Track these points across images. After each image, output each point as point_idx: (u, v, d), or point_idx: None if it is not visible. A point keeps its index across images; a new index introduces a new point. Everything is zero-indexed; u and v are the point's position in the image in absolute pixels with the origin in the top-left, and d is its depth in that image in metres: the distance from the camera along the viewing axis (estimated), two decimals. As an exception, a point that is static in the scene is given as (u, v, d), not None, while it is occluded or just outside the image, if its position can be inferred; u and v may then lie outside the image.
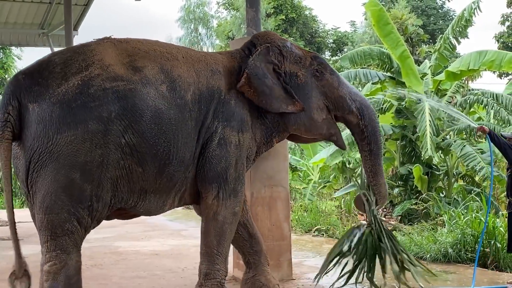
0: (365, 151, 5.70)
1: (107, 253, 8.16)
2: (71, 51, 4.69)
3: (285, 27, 30.34)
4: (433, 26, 30.86)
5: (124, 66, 4.64)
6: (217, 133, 5.06)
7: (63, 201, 4.30)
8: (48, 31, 14.37)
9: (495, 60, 9.99)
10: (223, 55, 5.56)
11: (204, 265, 5.19)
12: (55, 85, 4.36)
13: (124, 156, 4.48)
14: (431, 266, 7.20)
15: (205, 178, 5.05)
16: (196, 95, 4.97)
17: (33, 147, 4.28)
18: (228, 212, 5.13)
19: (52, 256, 4.38)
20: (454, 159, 10.94)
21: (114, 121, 4.41)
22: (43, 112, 4.28)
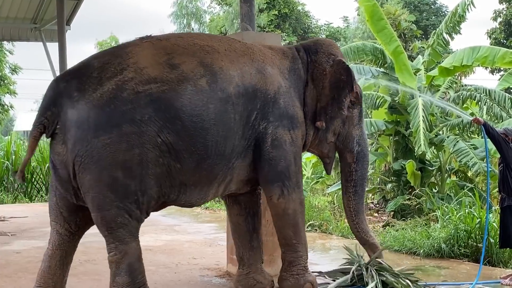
0: (350, 192, 5.98)
1: (100, 249, 8.07)
2: (110, 54, 4.82)
3: (277, 22, 30.32)
4: (425, 22, 30.91)
5: (160, 66, 4.72)
6: (268, 134, 5.23)
7: (110, 198, 4.52)
8: (41, 25, 14.30)
9: (488, 56, 10.00)
10: (273, 51, 5.66)
11: (288, 254, 5.59)
12: (91, 90, 4.52)
13: (162, 154, 4.64)
14: (425, 261, 7.25)
15: (267, 179, 5.32)
16: (240, 88, 5.05)
17: (74, 150, 4.49)
18: (296, 204, 5.44)
19: (112, 247, 4.64)
20: (447, 155, 10.97)
21: (148, 122, 4.54)
22: (81, 117, 4.48)
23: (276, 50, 5.70)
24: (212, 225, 10.44)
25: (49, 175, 15.26)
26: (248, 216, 5.80)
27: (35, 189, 15.55)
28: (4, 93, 21.42)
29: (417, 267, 6.88)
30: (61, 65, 12.82)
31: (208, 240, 8.82)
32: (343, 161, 6.02)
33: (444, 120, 10.94)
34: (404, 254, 7.68)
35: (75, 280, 6.33)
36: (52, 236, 4.96)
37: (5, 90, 21.31)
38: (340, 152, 6.00)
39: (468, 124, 10.37)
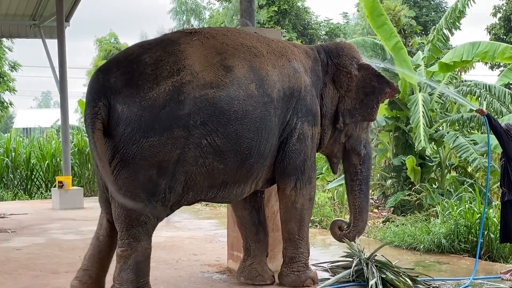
0: (355, 191, 6.16)
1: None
2: (161, 50, 4.72)
3: (277, 18, 30.25)
4: (425, 17, 30.84)
5: (214, 67, 4.82)
6: (297, 129, 5.43)
7: (140, 197, 4.57)
8: (40, 22, 14.28)
9: (488, 52, 9.99)
10: (298, 49, 5.84)
11: (289, 250, 5.72)
12: (146, 88, 4.47)
13: (203, 155, 4.72)
14: (425, 257, 7.25)
15: (284, 170, 5.47)
16: (280, 92, 5.25)
17: (117, 147, 4.50)
18: (305, 199, 5.62)
19: (124, 243, 4.68)
20: (447, 150, 10.96)
21: (199, 127, 4.63)
22: (132, 115, 4.44)
23: (301, 49, 5.88)
24: (212, 221, 10.44)
25: (49, 172, 15.28)
26: (253, 210, 5.90)
27: (35, 186, 15.54)
28: (3, 90, 21.38)
29: (417, 262, 6.88)
30: (61, 61, 12.80)
31: (208, 236, 8.82)
32: (349, 161, 6.19)
33: (444, 116, 10.93)
34: (404, 249, 7.69)
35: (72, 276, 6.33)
36: (102, 223, 5.08)
37: (4, 87, 21.28)
38: (347, 153, 6.17)
39: (468, 120, 10.37)
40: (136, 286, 4.75)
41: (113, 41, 36.10)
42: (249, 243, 5.95)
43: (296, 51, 5.76)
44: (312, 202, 5.82)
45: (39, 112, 45.45)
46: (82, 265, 5.14)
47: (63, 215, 11.23)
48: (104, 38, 36.16)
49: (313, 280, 5.74)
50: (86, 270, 5.10)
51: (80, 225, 10.00)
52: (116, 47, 35.42)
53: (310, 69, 5.79)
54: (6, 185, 15.42)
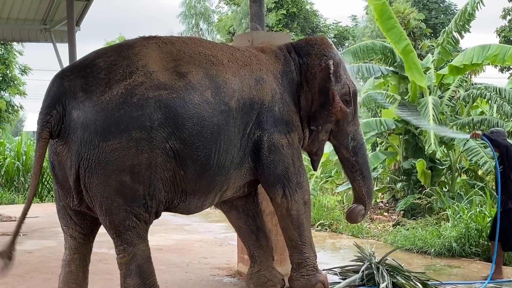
0: (358, 180, 6.02)
1: (111, 248, 8.12)
2: (116, 54, 4.68)
3: (286, 21, 30.29)
4: (434, 20, 30.78)
5: (168, 72, 4.70)
6: (264, 141, 5.28)
7: (118, 202, 4.51)
8: (50, 26, 14.35)
9: (498, 54, 9.96)
10: (267, 54, 5.65)
11: (295, 256, 5.64)
12: (99, 92, 4.43)
13: (169, 160, 4.64)
14: (435, 261, 7.23)
15: (268, 182, 5.39)
16: (240, 102, 5.10)
17: (81, 152, 4.42)
18: (299, 204, 5.50)
19: (120, 249, 4.67)
20: (457, 154, 10.93)
21: (158, 129, 4.52)
22: (87, 120, 4.39)
23: (269, 54, 5.67)
24: (222, 224, 10.44)
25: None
26: (248, 218, 5.83)
27: (46, 189, 15.60)
28: (14, 94, 21.50)
29: (428, 266, 6.87)
30: (71, 65, 12.85)
31: (218, 239, 8.84)
32: (340, 155, 6.09)
33: (454, 119, 10.90)
34: (415, 253, 7.67)
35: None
36: (67, 241, 4.98)
37: (15, 91, 21.39)
38: (335, 148, 6.07)
39: (478, 123, 10.35)
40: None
41: (122, 45, 36.21)
42: (252, 251, 5.90)
43: (264, 58, 5.56)
44: (308, 205, 5.68)
45: (49, 116, 45.52)
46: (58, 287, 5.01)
47: (74, 218, 11.24)
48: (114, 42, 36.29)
49: (324, 284, 5.72)
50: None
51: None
52: (125, 50, 35.50)
53: (281, 73, 5.59)
54: (17, 188, 15.50)
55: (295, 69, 5.68)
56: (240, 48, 5.59)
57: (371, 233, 9.24)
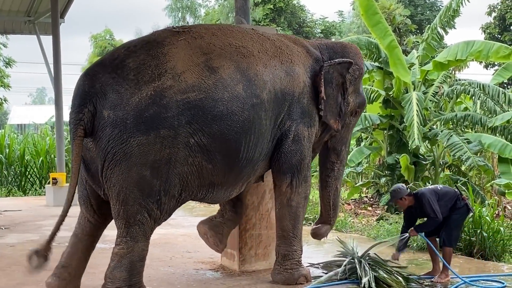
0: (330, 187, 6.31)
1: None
2: (145, 52, 4.80)
3: (273, 16, 30.26)
4: (420, 16, 30.90)
5: (198, 68, 4.84)
6: (291, 131, 5.48)
7: (135, 194, 4.67)
8: (35, 18, 14.25)
9: (482, 51, 10.02)
10: (299, 47, 5.84)
11: (282, 247, 5.74)
12: (129, 94, 4.61)
13: (192, 154, 4.80)
14: (418, 255, 7.27)
15: (280, 169, 5.55)
16: (271, 94, 5.26)
17: (107, 148, 4.61)
18: (300, 197, 5.70)
19: (122, 241, 4.79)
20: (440, 149, 11.00)
21: (185, 126, 4.71)
22: (118, 119, 4.58)
23: (302, 47, 5.88)
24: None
25: (43, 168, 15.26)
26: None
27: (29, 183, 15.52)
28: (-2, 86, 21.29)
29: (410, 260, 6.91)
30: (55, 58, 12.78)
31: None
32: (327, 158, 6.30)
33: (438, 115, 10.96)
34: (397, 247, 7.69)
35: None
36: (83, 223, 5.21)
37: (-1, 84, 21.19)
38: (327, 149, 6.28)
39: (462, 119, 10.42)
40: (128, 284, 4.79)
41: (108, 38, 36.07)
42: (226, 209, 6.09)
43: (296, 50, 5.74)
44: (307, 201, 5.89)
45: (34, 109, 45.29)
46: (60, 262, 5.19)
47: (57, 211, 11.06)
48: (99, 35, 36.13)
49: (306, 277, 5.76)
50: (64, 267, 5.17)
51: (74, 221, 9.87)
52: (111, 43, 35.39)
53: (310, 69, 5.79)
54: (0, 181, 15.39)
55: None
56: (271, 37, 5.68)
57: (354, 227, 9.28)
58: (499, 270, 6.60)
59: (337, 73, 5.90)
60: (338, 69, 5.88)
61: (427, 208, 5.91)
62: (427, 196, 5.97)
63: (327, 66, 5.80)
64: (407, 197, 6.02)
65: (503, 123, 10.20)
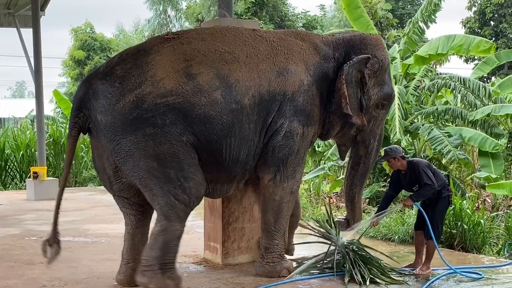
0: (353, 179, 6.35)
1: (76, 236, 8.09)
2: (132, 61, 5.17)
3: (254, 10, 30.20)
4: (401, 10, 31.03)
5: (177, 75, 5.12)
6: (283, 127, 5.56)
7: (153, 181, 5.04)
8: (14, 11, 14.06)
9: (463, 45, 10.09)
10: (305, 43, 5.87)
11: (264, 240, 5.86)
12: (115, 100, 5.02)
13: (190, 150, 5.12)
14: (399, 247, 7.34)
15: (266, 162, 5.63)
16: (255, 98, 5.37)
17: (109, 148, 5.08)
18: (285, 192, 5.73)
19: (157, 221, 5.15)
20: (421, 142, 11.08)
21: (170, 126, 5.02)
22: (108, 123, 5.03)
23: (308, 44, 5.89)
24: (189, 212, 10.41)
25: (23, 162, 15.13)
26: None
27: (9, 177, 15.37)
28: (-24, 79, 21.05)
29: (392, 253, 6.96)
30: (36, 51, 12.65)
31: (188, 227, 8.76)
32: (356, 151, 6.33)
33: (419, 108, 11.03)
34: (379, 240, 7.78)
35: (51, 267, 6.28)
36: (127, 218, 5.58)
37: (-22, 77, 20.96)
38: (357, 143, 6.29)
39: (443, 112, 10.50)
40: (161, 262, 5.06)
41: (88, 31, 35.72)
42: None
43: (298, 48, 5.75)
44: (294, 196, 5.87)
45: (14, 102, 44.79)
46: (122, 260, 5.60)
47: (38, 206, 11.13)
48: (80, 28, 35.77)
49: (289, 270, 5.79)
50: (127, 264, 5.55)
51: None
52: (91, 36, 35.08)
53: (315, 66, 5.80)
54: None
55: (334, 66, 5.90)
56: (270, 37, 5.73)
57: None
58: (480, 262, 6.68)
59: (356, 71, 5.87)
60: (356, 66, 5.85)
61: (423, 176, 5.91)
62: (423, 164, 6.05)
63: (346, 68, 5.78)
64: (401, 160, 6.04)
65: (483, 116, 10.29)
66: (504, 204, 10.53)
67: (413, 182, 6.02)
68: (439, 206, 6.05)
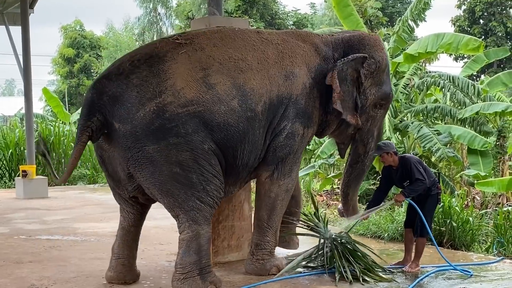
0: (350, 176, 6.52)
1: (65, 235, 8.07)
2: (147, 69, 5.12)
3: (245, 8, 30.18)
4: (391, 9, 31.12)
5: (197, 84, 5.16)
6: (286, 129, 5.66)
7: (176, 186, 5.06)
8: (3, 9, 13.97)
9: (452, 43, 10.13)
10: (306, 45, 5.94)
11: (255, 236, 5.90)
12: (135, 110, 4.98)
13: (212, 157, 5.18)
14: (389, 245, 7.36)
15: (266, 160, 5.70)
16: (266, 104, 5.49)
17: (127, 155, 5.04)
18: (281, 190, 5.80)
19: (185, 226, 5.14)
20: (411, 140, 11.11)
21: (193, 134, 5.07)
22: (127, 132, 4.99)
23: (309, 45, 5.94)
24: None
25: (12, 161, 15.06)
26: None
27: (-3, 176, 15.30)
28: (-35, 77, 20.93)
29: (381, 250, 6.99)
30: (24, 49, 12.59)
31: (174, 226, 8.68)
32: (355, 149, 6.44)
33: (408, 106, 11.06)
34: (369, 238, 7.79)
35: (40, 266, 6.29)
36: (126, 215, 5.63)
37: (-34, 75, 20.84)
38: (355, 141, 6.39)
39: (432, 110, 10.54)
40: (199, 267, 5.07)
41: (78, 29, 35.61)
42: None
43: (301, 50, 5.82)
44: (289, 194, 5.92)
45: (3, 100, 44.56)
46: (113, 255, 5.62)
47: (27, 204, 11.08)
48: (69, 26, 35.65)
49: (278, 268, 5.79)
50: (118, 259, 5.58)
51: (44, 214, 9.90)
52: (81, 34, 34.96)
53: (316, 68, 5.87)
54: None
55: (333, 67, 5.91)
56: (275, 39, 5.78)
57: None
58: (468, 259, 6.71)
59: (351, 69, 5.92)
60: (352, 65, 5.90)
61: (415, 172, 5.94)
62: (414, 160, 6.08)
63: (340, 64, 5.85)
64: (393, 155, 6.07)
65: (472, 114, 10.33)
66: (493, 202, 10.59)
67: (404, 178, 6.06)
68: (429, 204, 6.07)
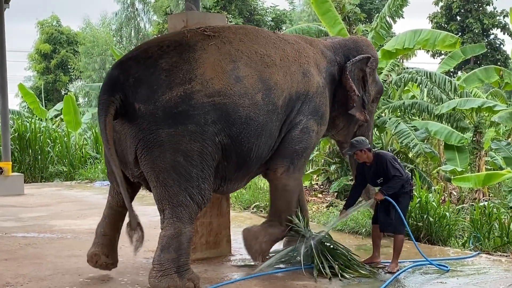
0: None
1: (41, 232, 7.98)
2: (178, 55, 5.18)
3: (223, 4, 30.13)
4: (369, 5, 31.27)
5: (226, 76, 5.26)
6: (302, 123, 5.83)
7: (173, 177, 5.04)
8: (-23, 3, 13.76)
9: (429, 39, 10.21)
10: (314, 49, 6.25)
11: (268, 222, 6.05)
12: (160, 92, 5.02)
13: (217, 151, 5.21)
14: (367, 241, 7.38)
15: (281, 153, 5.82)
16: (286, 99, 5.66)
17: (138, 136, 5.03)
18: (296, 183, 5.98)
19: (169, 223, 5.09)
20: (388, 136, 11.18)
21: (210, 125, 5.12)
22: (148, 112, 5.00)
23: (317, 49, 6.28)
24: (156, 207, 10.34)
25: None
26: None
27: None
28: None
29: (359, 246, 7.01)
30: (0, 44, 12.41)
31: (152, 222, 8.72)
32: None
33: (386, 103, 11.12)
34: (346, 233, 7.82)
35: (16, 264, 6.22)
36: (115, 196, 5.69)
37: None
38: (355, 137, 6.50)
39: (409, 106, 10.61)
40: (177, 265, 5.06)
41: (55, 24, 35.29)
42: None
43: (311, 52, 6.11)
44: (301, 186, 6.25)
45: (-22, 97, 44.09)
46: (99, 232, 5.74)
47: (3, 201, 10.96)
48: (46, 21, 35.31)
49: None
50: (104, 236, 5.71)
51: (20, 212, 9.79)
52: (58, 30, 34.63)
53: (325, 70, 6.19)
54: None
55: (338, 69, 6.31)
56: (290, 39, 6.05)
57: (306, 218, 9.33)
58: (445, 254, 6.77)
59: (358, 69, 6.38)
60: (358, 65, 6.38)
61: (390, 169, 5.95)
62: (389, 157, 6.09)
63: (349, 65, 6.25)
64: (367, 152, 6.05)
65: (449, 110, 10.43)
66: (470, 197, 10.70)
67: (378, 175, 6.04)
68: (403, 201, 6.06)
